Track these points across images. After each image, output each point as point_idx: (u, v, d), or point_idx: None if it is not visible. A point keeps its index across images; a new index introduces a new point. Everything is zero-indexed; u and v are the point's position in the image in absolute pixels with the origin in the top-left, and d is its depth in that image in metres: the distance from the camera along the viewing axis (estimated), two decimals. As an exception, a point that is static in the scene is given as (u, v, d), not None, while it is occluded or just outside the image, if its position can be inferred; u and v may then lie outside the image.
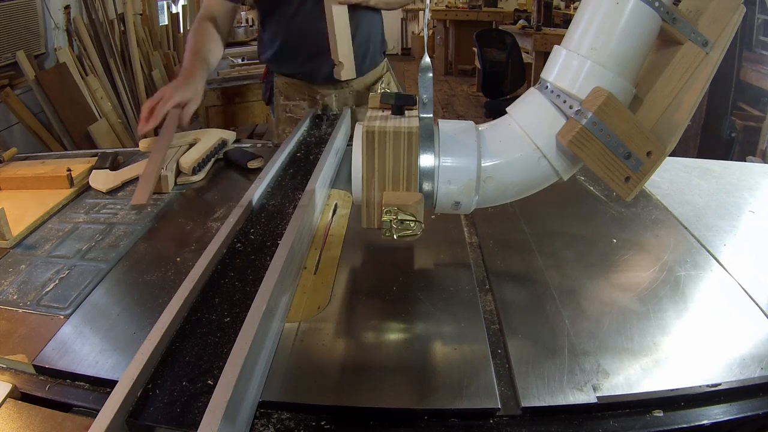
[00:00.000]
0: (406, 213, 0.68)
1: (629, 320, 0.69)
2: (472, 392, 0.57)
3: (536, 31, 4.47)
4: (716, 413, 0.57)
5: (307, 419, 0.56)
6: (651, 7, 0.61)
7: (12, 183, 1.10)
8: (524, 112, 0.70)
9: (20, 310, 0.73)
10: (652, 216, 0.96)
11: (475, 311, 0.70)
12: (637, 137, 0.62)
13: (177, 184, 1.12)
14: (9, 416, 0.57)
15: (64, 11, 3.02)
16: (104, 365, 0.62)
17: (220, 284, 0.75)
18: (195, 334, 0.65)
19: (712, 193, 1.06)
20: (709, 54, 0.64)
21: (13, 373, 0.63)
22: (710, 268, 0.81)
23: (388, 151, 0.68)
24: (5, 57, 2.58)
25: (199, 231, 0.93)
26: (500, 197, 0.72)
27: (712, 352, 0.64)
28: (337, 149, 1.18)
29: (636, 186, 0.65)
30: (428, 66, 0.68)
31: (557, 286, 0.75)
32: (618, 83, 0.62)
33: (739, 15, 0.63)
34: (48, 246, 0.90)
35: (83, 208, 1.03)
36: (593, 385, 0.58)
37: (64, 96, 2.78)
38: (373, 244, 0.86)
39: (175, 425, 0.53)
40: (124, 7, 3.41)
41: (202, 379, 0.58)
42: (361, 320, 0.70)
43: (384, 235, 0.69)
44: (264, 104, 2.62)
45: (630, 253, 0.84)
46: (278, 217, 0.93)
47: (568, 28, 0.67)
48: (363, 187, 0.70)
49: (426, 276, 0.78)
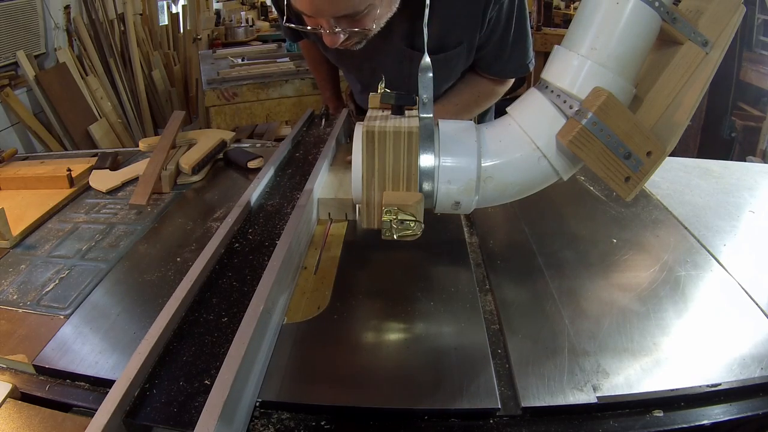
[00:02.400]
0: (406, 213, 0.68)
1: (629, 320, 0.69)
2: (472, 392, 0.57)
3: (536, 31, 4.46)
4: (716, 413, 0.57)
5: (306, 419, 0.56)
6: (651, 7, 0.60)
7: (12, 183, 1.10)
8: (524, 112, 0.70)
9: (20, 310, 0.73)
10: (652, 216, 0.96)
11: (475, 311, 0.70)
12: (637, 137, 0.62)
13: (177, 184, 1.12)
14: (9, 416, 0.57)
15: (64, 11, 3.02)
16: (104, 365, 0.62)
17: (217, 284, 0.75)
18: (192, 334, 0.65)
19: (712, 193, 1.06)
20: (709, 54, 0.64)
21: (13, 373, 0.63)
22: (710, 268, 0.81)
23: (388, 151, 0.68)
24: (5, 57, 2.58)
25: (198, 231, 0.93)
26: (500, 197, 0.72)
27: (712, 352, 0.64)
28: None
29: (636, 186, 0.64)
30: (428, 66, 0.68)
31: (557, 286, 0.75)
32: (618, 83, 0.62)
33: (739, 15, 0.63)
34: (48, 246, 0.89)
35: (83, 208, 1.03)
36: (593, 385, 0.58)
37: (64, 96, 2.78)
38: (373, 244, 0.86)
39: (172, 425, 0.53)
40: (124, 7, 3.41)
41: (199, 379, 0.58)
42: (361, 320, 0.69)
43: (384, 235, 0.69)
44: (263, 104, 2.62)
45: (630, 253, 0.84)
46: (276, 217, 0.93)
47: (568, 28, 0.67)
48: (363, 187, 0.70)
49: (426, 276, 0.78)
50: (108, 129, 3.07)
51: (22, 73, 2.64)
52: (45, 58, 2.90)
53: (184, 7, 4.43)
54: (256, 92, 2.58)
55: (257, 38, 4.61)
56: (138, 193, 0.94)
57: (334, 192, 0.95)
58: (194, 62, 3.87)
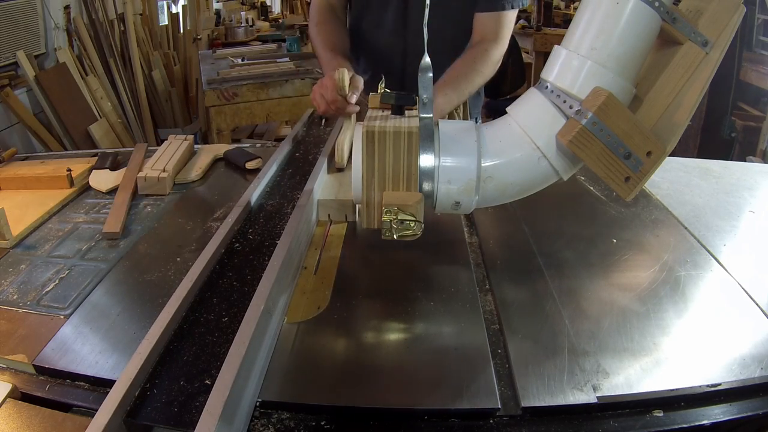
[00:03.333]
0: (406, 213, 0.68)
1: (629, 320, 0.69)
2: (472, 392, 0.57)
3: (536, 31, 4.46)
4: (716, 413, 0.57)
5: (306, 419, 0.56)
6: (651, 7, 0.60)
7: (12, 183, 1.10)
8: (524, 112, 0.70)
9: (20, 310, 0.73)
10: (652, 216, 0.96)
11: (475, 311, 0.70)
12: (637, 137, 0.62)
13: (176, 184, 1.12)
14: (9, 416, 0.57)
15: (64, 11, 3.02)
16: (104, 365, 0.62)
17: (218, 284, 0.75)
18: (193, 333, 0.65)
19: (712, 193, 1.06)
20: (709, 54, 0.64)
21: (13, 373, 0.63)
22: (710, 268, 0.81)
23: (388, 151, 0.68)
24: (5, 57, 2.58)
25: (198, 231, 0.93)
26: (500, 197, 0.72)
27: (712, 352, 0.64)
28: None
29: (636, 186, 0.64)
30: (428, 66, 0.68)
31: (557, 286, 0.75)
32: (618, 83, 0.62)
33: (739, 15, 0.63)
34: (48, 246, 0.89)
35: (83, 208, 1.03)
36: (593, 385, 0.58)
37: (64, 96, 2.78)
38: (373, 244, 0.86)
39: (172, 425, 0.53)
40: (124, 7, 3.41)
41: (199, 379, 0.58)
42: (361, 320, 0.69)
43: (384, 235, 0.69)
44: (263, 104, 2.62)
45: (630, 253, 0.84)
46: (276, 217, 0.93)
47: (568, 28, 0.67)
48: (363, 187, 0.70)
49: (426, 276, 0.78)
50: (108, 129, 3.07)
51: (22, 73, 2.64)
52: (45, 58, 2.90)
53: (184, 7, 4.43)
54: (256, 92, 2.59)
55: (257, 38, 4.62)
56: (110, 223, 0.93)
57: (334, 193, 0.95)
58: (194, 62, 3.87)
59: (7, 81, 2.55)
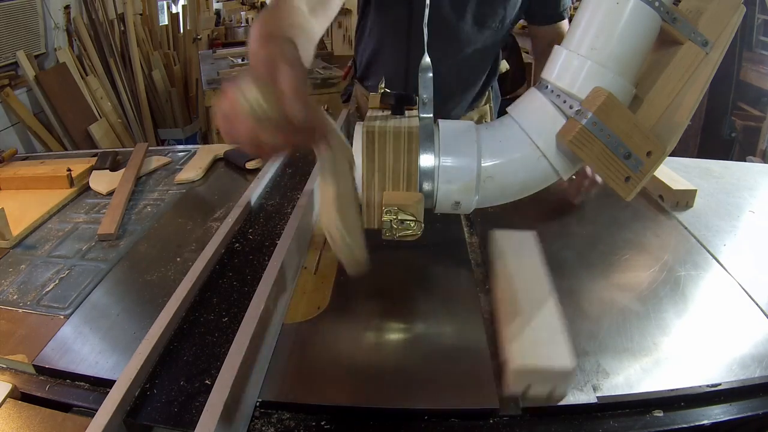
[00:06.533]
0: (406, 213, 0.68)
1: (629, 320, 0.69)
2: (472, 392, 0.57)
3: (536, 31, 4.47)
4: (716, 413, 0.57)
5: (307, 419, 0.55)
6: (651, 6, 0.60)
7: (12, 183, 1.10)
8: (524, 112, 0.70)
9: (20, 310, 0.73)
10: (653, 216, 0.96)
11: (475, 311, 0.70)
12: (637, 137, 0.62)
13: (176, 183, 1.12)
14: (9, 416, 0.57)
15: (64, 11, 3.02)
16: (104, 365, 0.62)
17: (218, 284, 0.75)
18: (193, 333, 0.65)
19: (712, 193, 1.06)
20: (709, 54, 0.64)
21: (13, 373, 0.63)
22: (710, 268, 0.81)
23: (388, 151, 0.68)
24: (5, 57, 2.58)
25: (198, 231, 0.93)
26: (500, 197, 0.72)
27: (712, 352, 0.64)
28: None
29: (636, 186, 0.64)
30: (428, 66, 0.68)
31: (557, 286, 0.75)
32: (618, 83, 0.62)
33: (739, 15, 0.63)
34: (48, 246, 0.89)
35: (83, 208, 1.03)
36: (593, 385, 0.58)
37: (64, 96, 2.78)
38: (373, 244, 0.86)
39: (172, 425, 0.53)
40: (124, 7, 3.41)
41: (199, 379, 0.58)
42: (361, 320, 0.69)
43: (384, 235, 0.69)
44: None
45: (630, 253, 0.84)
46: (277, 217, 0.93)
47: (569, 28, 0.67)
48: (363, 187, 0.70)
49: (426, 276, 0.78)
50: (108, 129, 3.07)
51: (22, 73, 2.64)
52: (45, 58, 2.90)
53: (184, 7, 4.43)
54: (256, 92, 2.58)
55: (257, 38, 4.60)
56: (105, 224, 0.93)
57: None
58: (194, 62, 3.87)
59: (7, 81, 2.55)
